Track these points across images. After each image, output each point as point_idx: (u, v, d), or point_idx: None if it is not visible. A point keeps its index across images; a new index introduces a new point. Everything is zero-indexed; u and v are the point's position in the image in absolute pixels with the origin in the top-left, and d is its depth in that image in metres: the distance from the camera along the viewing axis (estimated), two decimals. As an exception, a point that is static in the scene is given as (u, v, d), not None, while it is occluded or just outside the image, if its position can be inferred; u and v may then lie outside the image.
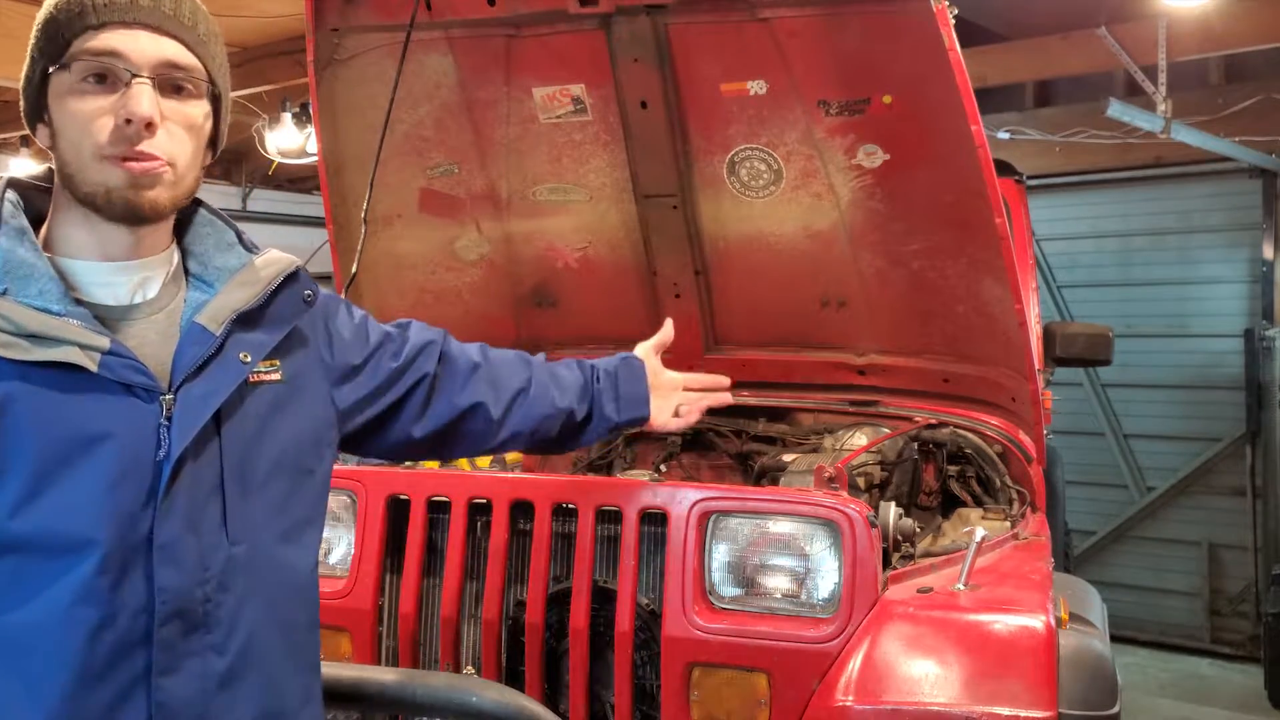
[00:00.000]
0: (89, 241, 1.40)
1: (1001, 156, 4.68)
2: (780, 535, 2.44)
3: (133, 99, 1.33)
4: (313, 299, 1.57)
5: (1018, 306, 2.81)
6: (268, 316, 1.49)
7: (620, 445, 3.83)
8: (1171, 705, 6.28)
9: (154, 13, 1.37)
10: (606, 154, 3.26)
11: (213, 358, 1.40)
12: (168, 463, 1.34)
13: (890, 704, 2.16)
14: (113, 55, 1.35)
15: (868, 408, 3.52)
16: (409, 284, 3.55)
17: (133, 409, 1.34)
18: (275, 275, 1.51)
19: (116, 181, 1.35)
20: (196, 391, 1.38)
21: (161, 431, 1.34)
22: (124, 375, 1.33)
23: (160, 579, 1.33)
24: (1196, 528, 7.53)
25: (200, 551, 1.37)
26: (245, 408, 1.45)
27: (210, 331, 1.41)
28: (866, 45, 2.79)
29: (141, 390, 1.34)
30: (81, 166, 1.36)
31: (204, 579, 1.37)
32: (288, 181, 9.82)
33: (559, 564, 2.54)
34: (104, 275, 1.41)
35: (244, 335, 1.45)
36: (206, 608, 1.37)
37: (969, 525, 3.03)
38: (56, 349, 1.30)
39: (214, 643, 1.38)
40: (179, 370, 1.38)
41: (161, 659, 1.33)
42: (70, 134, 1.36)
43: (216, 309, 1.43)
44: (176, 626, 1.34)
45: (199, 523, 1.37)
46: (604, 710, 2.49)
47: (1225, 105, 6.73)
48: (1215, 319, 7.40)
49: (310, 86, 3.14)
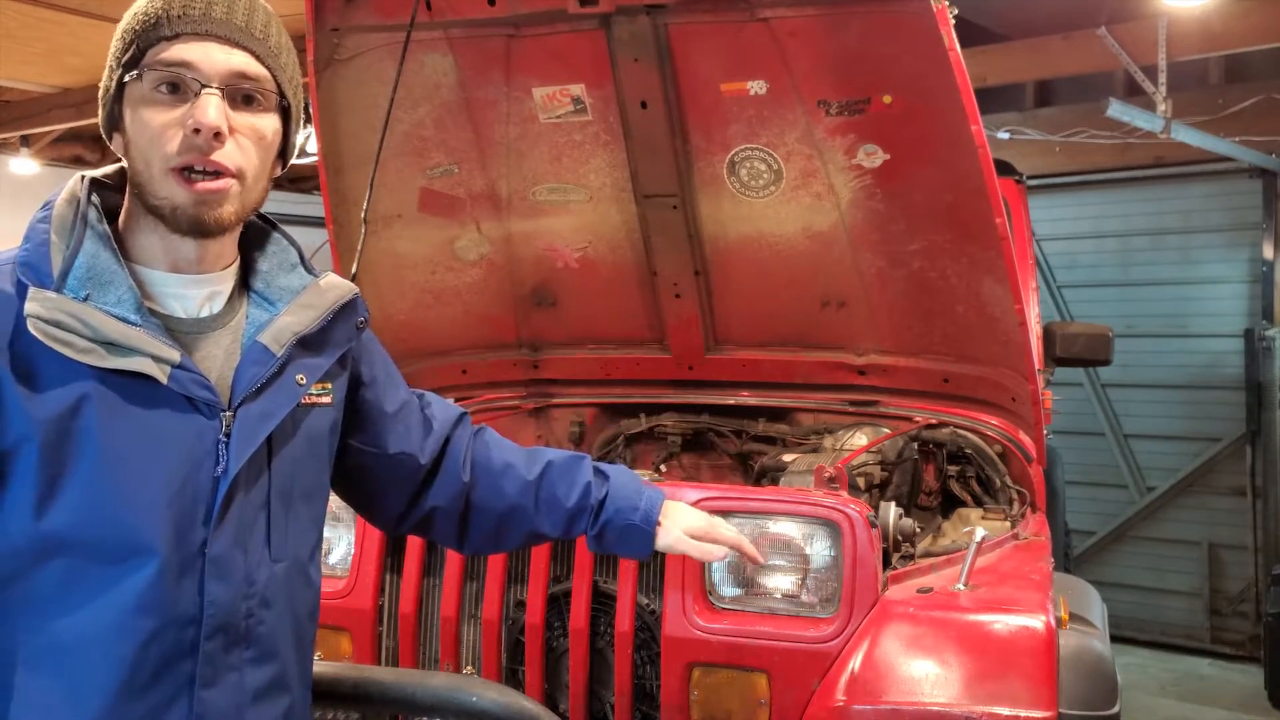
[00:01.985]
0: (159, 251, 1.42)
1: (1001, 156, 4.69)
2: (780, 535, 2.44)
3: (200, 109, 1.35)
4: (364, 325, 1.60)
5: (1018, 306, 2.81)
6: (325, 341, 1.52)
7: (620, 445, 3.83)
8: (1171, 705, 6.28)
9: (226, 24, 1.39)
10: (606, 154, 3.25)
11: (273, 378, 1.43)
12: (225, 479, 1.36)
13: (890, 704, 2.16)
14: (184, 66, 1.36)
15: (868, 408, 3.52)
16: (409, 284, 3.55)
17: (195, 423, 1.36)
18: (336, 300, 1.53)
19: (182, 199, 1.37)
20: (255, 411, 1.40)
21: (220, 448, 1.37)
22: (190, 390, 1.36)
23: (210, 592, 1.35)
24: (1196, 528, 7.53)
25: (246, 568, 1.39)
26: (296, 429, 1.48)
27: (272, 352, 1.43)
28: (866, 45, 2.79)
29: (204, 405, 1.37)
30: (150, 178, 1.37)
31: (249, 594, 1.39)
32: (288, 181, 9.83)
33: (559, 564, 2.54)
34: (175, 287, 1.43)
35: (302, 358, 1.48)
36: (249, 623, 1.40)
37: (969, 525, 3.04)
38: (131, 358, 1.32)
39: (252, 657, 1.40)
40: (239, 388, 1.40)
41: (205, 671, 1.35)
42: (141, 143, 1.38)
43: (279, 330, 1.46)
44: (221, 640, 1.36)
45: (247, 540, 1.40)
46: (604, 710, 2.49)
47: (1225, 105, 6.72)
48: (1215, 319, 7.39)
49: (310, 86, 3.14)
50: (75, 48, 5.59)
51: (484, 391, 3.94)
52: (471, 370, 3.79)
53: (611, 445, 3.85)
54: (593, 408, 3.98)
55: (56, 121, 7.02)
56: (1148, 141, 6.39)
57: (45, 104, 6.93)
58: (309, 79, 3.12)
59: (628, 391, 3.77)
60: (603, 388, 3.80)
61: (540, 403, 3.97)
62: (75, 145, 8.63)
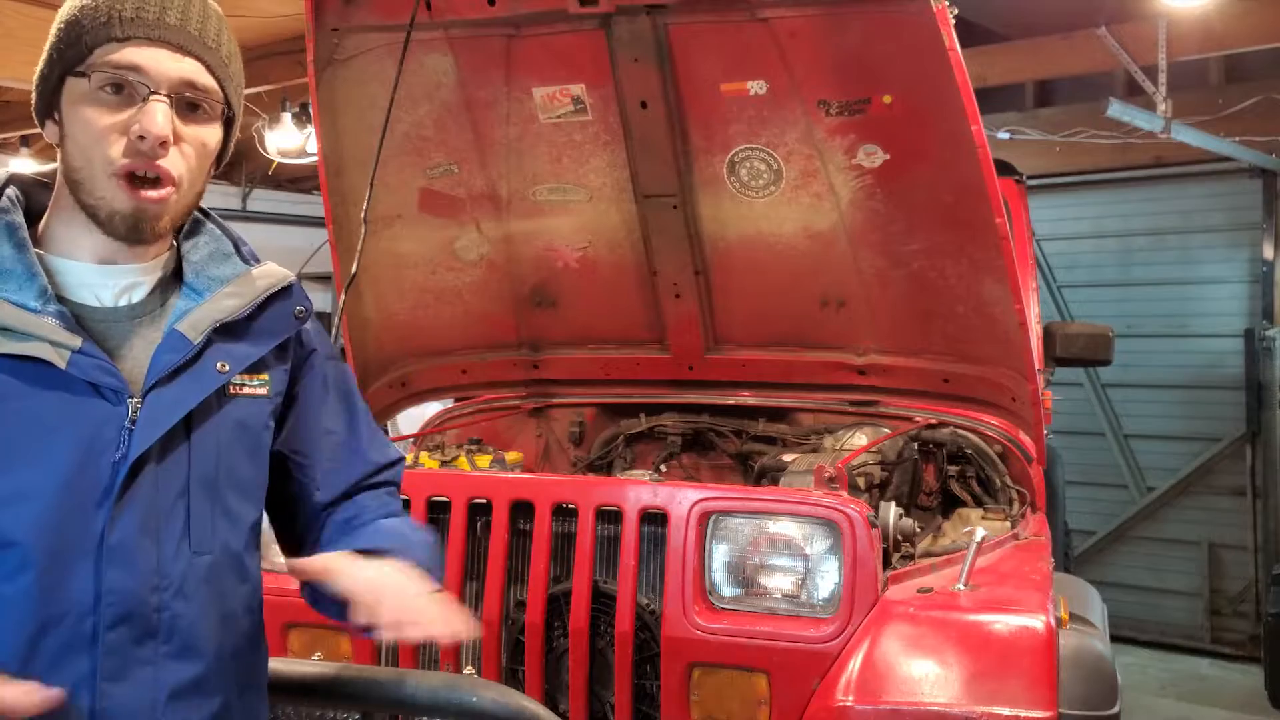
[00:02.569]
0: (83, 243, 1.40)
1: (1001, 156, 4.68)
2: (780, 535, 2.44)
3: (148, 116, 1.33)
4: (305, 315, 1.55)
5: (1018, 306, 2.81)
6: (254, 329, 1.48)
7: (620, 445, 3.83)
8: (1171, 705, 6.28)
9: (179, 32, 1.37)
10: (606, 154, 3.25)
11: (188, 365, 1.39)
12: (124, 464, 1.33)
13: (890, 704, 2.16)
14: (133, 70, 1.34)
15: (868, 408, 3.52)
16: (409, 284, 3.55)
17: (97, 409, 1.34)
18: (265, 289, 1.50)
19: (121, 205, 1.35)
20: (166, 397, 1.37)
21: (123, 433, 1.34)
22: (92, 375, 1.33)
23: (108, 580, 1.31)
24: (1196, 528, 7.52)
25: (158, 558, 1.35)
26: (221, 418, 1.44)
27: (188, 339, 1.41)
28: (866, 45, 2.79)
29: (109, 391, 1.34)
30: (90, 176, 1.36)
31: (159, 585, 1.35)
32: (288, 181, 9.81)
33: (559, 564, 2.54)
34: (90, 277, 1.41)
35: (225, 345, 1.44)
36: (162, 616, 1.35)
37: (969, 525, 3.04)
38: (27, 343, 1.30)
39: (170, 652, 1.36)
40: (152, 374, 1.37)
41: (108, 664, 1.31)
42: (81, 141, 1.36)
43: (198, 318, 1.43)
44: (125, 631, 1.32)
45: (159, 529, 1.36)
46: (604, 710, 2.49)
47: (1225, 105, 6.72)
48: (1215, 319, 7.39)
49: (310, 86, 3.14)
50: (75, 48, 5.58)
51: (484, 391, 3.94)
52: (471, 370, 3.79)
53: (611, 445, 3.85)
54: (593, 408, 3.98)
55: (56, 121, 7.02)
56: (1148, 141, 6.39)
57: (45, 104, 6.92)
58: (309, 79, 3.13)
59: (628, 391, 3.77)
60: (603, 388, 3.80)
61: (540, 403, 3.97)
62: (75, 145, 8.63)
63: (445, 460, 3.40)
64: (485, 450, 3.49)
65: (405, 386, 3.72)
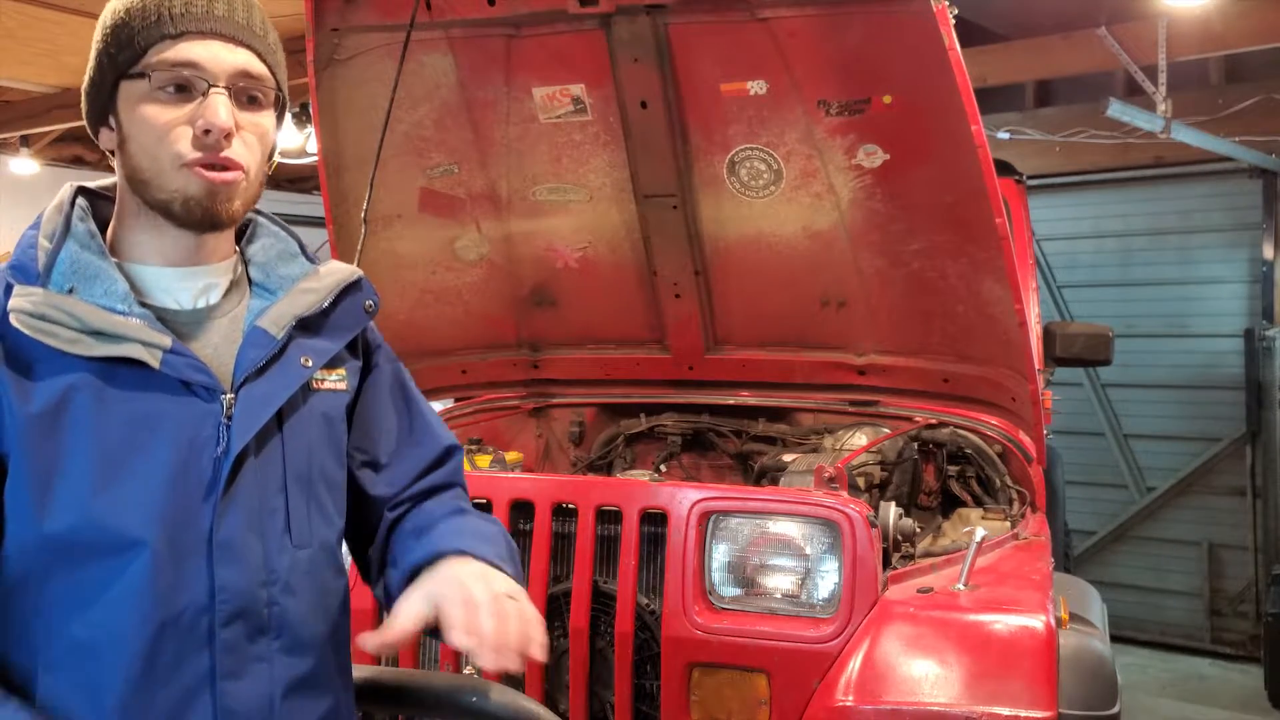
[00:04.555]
0: (154, 247, 1.41)
1: (1001, 156, 4.68)
2: (780, 535, 2.44)
3: (210, 110, 1.34)
4: (374, 309, 1.57)
5: (1018, 306, 2.81)
6: (329, 324, 1.50)
7: (620, 445, 3.84)
8: (1171, 705, 6.28)
9: (229, 23, 1.38)
10: (606, 154, 3.25)
11: (275, 360, 1.41)
12: (227, 459, 1.34)
13: (890, 704, 2.16)
14: (190, 66, 1.35)
15: (868, 408, 3.52)
16: (409, 284, 3.55)
17: (193, 407, 1.35)
18: (337, 284, 1.52)
19: (196, 190, 1.36)
20: (258, 392, 1.38)
21: (221, 429, 1.35)
22: (185, 373, 1.34)
23: (220, 577, 1.32)
24: (1196, 528, 7.52)
25: (264, 553, 1.37)
26: (308, 413, 1.45)
27: (272, 335, 1.42)
28: (866, 45, 2.79)
29: (202, 389, 1.35)
30: (159, 173, 1.36)
31: (268, 580, 1.36)
32: (287, 181, 9.82)
33: (559, 564, 2.54)
34: (168, 281, 1.42)
35: (306, 341, 1.46)
36: (272, 611, 1.36)
37: (969, 525, 3.04)
38: (120, 345, 1.31)
39: (281, 647, 1.37)
40: (240, 370, 1.38)
41: (226, 662, 1.32)
42: (145, 142, 1.37)
43: (278, 314, 1.44)
44: (241, 628, 1.33)
45: (263, 524, 1.37)
46: (604, 710, 2.49)
47: (1225, 105, 6.72)
48: (1215, 319, 7.39)
49: (310, 86, 3.14)
50: (75, 48, 5.58)
51: (484, 391, 3.94)
52: (471, 370, 3.79)
53: (611, 445, 3.85)
54: (593, 408, 3.98)
55: (56, 121, 7.02)
56: (1148, 141, 6.39)
57: (45, 104, 6.92)
58: (309, 79, 3.13)
59: (628, 391, 3.78)
60: (603, 388, 3.80)
61: (540, 403, 3.97)
62: (75, 145, 8.64)
63: (445, 460, 3.39)
64: (485, 450, 3.49)
65: (405, 386, 3.71)
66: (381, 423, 1.61)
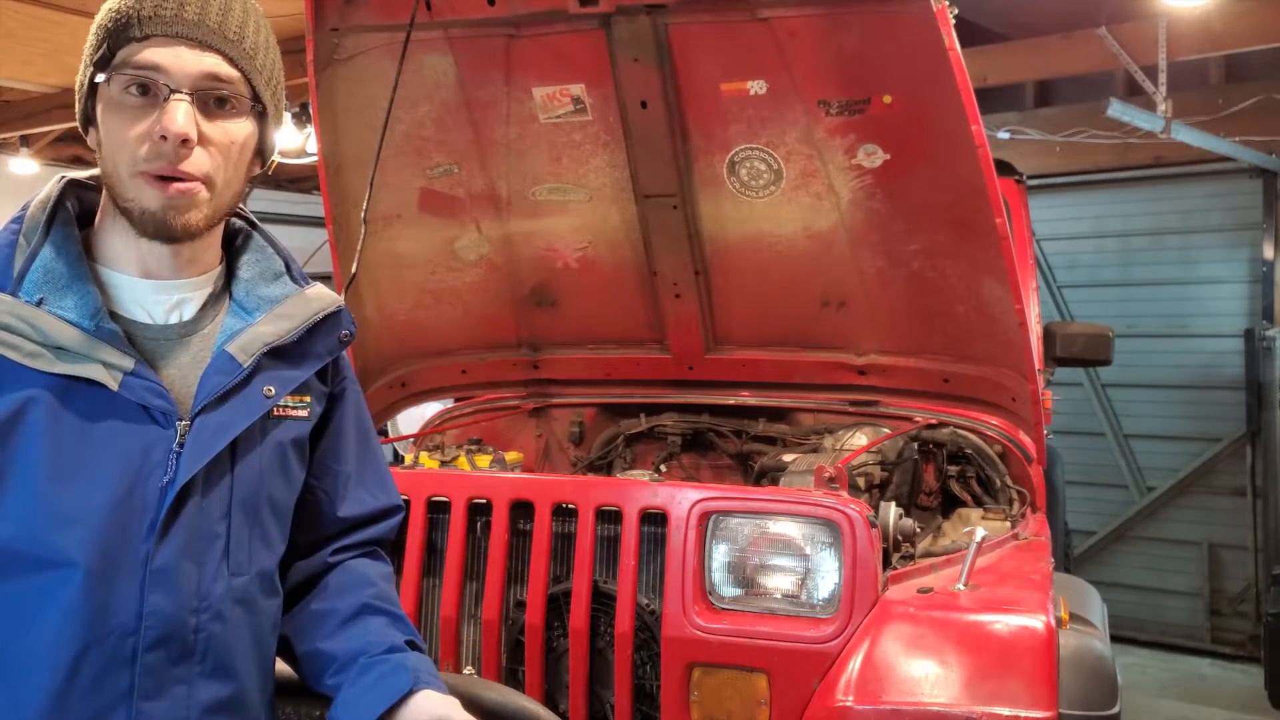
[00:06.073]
0: (130, 255, 1.40)
1: (1001, 156, 4.68)
2: (780, 535, 2.44)
3: (168, 115, 1.32)
4: (349, 339, 1.55)
5: (1018, 306, 2.81)
6: (300, 351, 1.48)
7: (620, 445, 3.84)
8: (1171, 705, 6.28)
9: (198, 26, 1.35)
10: (606, 154, 3.25)
11: (238, 389, 1.39)
12: (172, 488, 1.33)
13: (890, 704, 2.16)
14: (153, 69, 1.34)
15: (868, 408, 3.52)
16: (409, 284, 3.55)
17: (147, 433, 1.34)
18: (315, 312, 1.50)
19: (150, 202, 1.34)
20: (213, 421, 1.37)
21: (171, 457, 1.34)
22: (144, 397, 1.33)
23: (150, 603, 1.32)
24: (1196, 528, 7.53)
25: (199, 580, 1.36)
26: (264, 441, 1.44)
27: (238, 362, 1.40)
28: (866, 45, 2.79)
29: (159, 413, 1.34)
30: (119, 179, 1.35)
31: (198, 607, 1.35)
32: (288, 181, 9.82)
33: (559, 564, 2.54)
34: (141, 293, 1.41)
35: (273, 368, 1.44)
36: (199, 636, 1.36)
37: (969, 525, 3.04)
38: (80, 364, 1.30)
39: (204, 671, 1.36)
40: (200, 397, 1.37)
41: (146, 683, 1.32)
42: (110, 145, 1.36)
43: (248, 340, 1.42)
44: (163, 652, 1.33)
45: (201, 552, 1.36)
46: (604, 710, 2.49)
47: (1225, 105, 6.72)
48: (1215, 319, 7.39)
49: (310, 86, 3.14)
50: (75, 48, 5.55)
51: (484, 391, 3.94)
52: (471, 370, 3.79)
53: (611, 445, 3.85)
54: (593, 408, 3.98)
55: (56, 121, 7.03)
56: (1148, 141, 6.40)
57: (45, 104, 6.93)
58: (309, 79, 3.13)
59: (628, 391, 3.77)
60: (603, 388, 3.80)
61: (540, 403, 3.97)
62: (75, 145, 8.64)
63: (445, 460, 3.40)
64: (485, 450, 3.49)
65: (405, 387, 3.72)
66: (338, 454, 1.59)
